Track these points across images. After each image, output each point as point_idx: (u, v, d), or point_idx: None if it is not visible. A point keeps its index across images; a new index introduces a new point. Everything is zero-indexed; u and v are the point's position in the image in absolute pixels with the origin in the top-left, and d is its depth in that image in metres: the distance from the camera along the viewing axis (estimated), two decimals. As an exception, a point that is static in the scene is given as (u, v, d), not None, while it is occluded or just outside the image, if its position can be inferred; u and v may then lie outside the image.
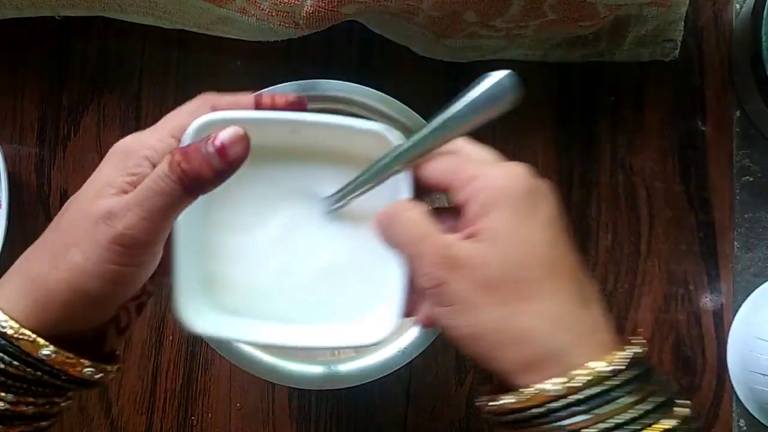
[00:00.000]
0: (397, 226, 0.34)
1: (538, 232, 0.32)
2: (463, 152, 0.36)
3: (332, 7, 0.51)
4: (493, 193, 0.32)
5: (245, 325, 0.37)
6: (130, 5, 0.56)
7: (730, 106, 0.59)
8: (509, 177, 0.33)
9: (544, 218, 0.32)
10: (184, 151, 0.31)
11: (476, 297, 0.31)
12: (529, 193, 0.33)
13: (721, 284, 0.58)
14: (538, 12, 0.52)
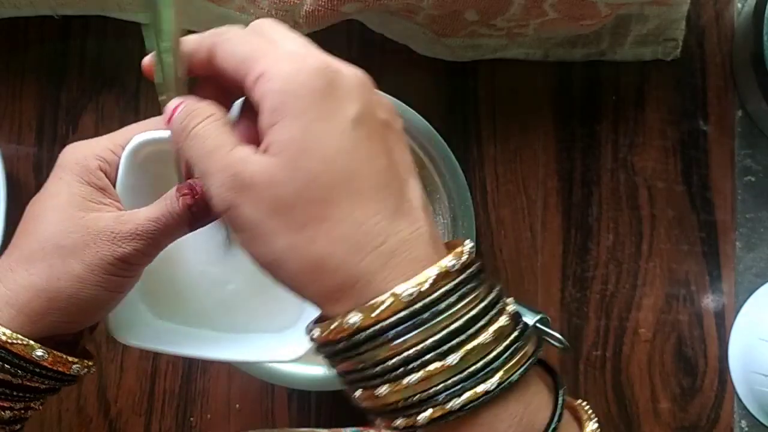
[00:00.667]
0: (189, 140, 0.30)
1: (333, 139, 0.28)
2: (263, 37, 0.30)
3: (332, 6, 0.51)
4: (282, 96, 0.28)
5: (173, 336, 0.38)
6: (129, 4, 0.55)
7: (732, 106, 0.59)
8: (300, 74, 0.28)
9: (343, 121, 0.28)
10: (192, 194, 0.32)
11: (268, 221, 0.28)
12: (323, 92, 0.28)
13: (722, 284, 0.58)
14: (539, 11, 0.52)
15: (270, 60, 0.28)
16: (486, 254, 0.58)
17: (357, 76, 0.30)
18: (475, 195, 0.58)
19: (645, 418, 0.58)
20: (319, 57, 0.29)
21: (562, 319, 0.58)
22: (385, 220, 0.28)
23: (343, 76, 0.29)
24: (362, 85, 0.29)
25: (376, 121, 0.29)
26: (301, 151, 0.27)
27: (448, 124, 0.59)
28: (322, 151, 0.28)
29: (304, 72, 0.28)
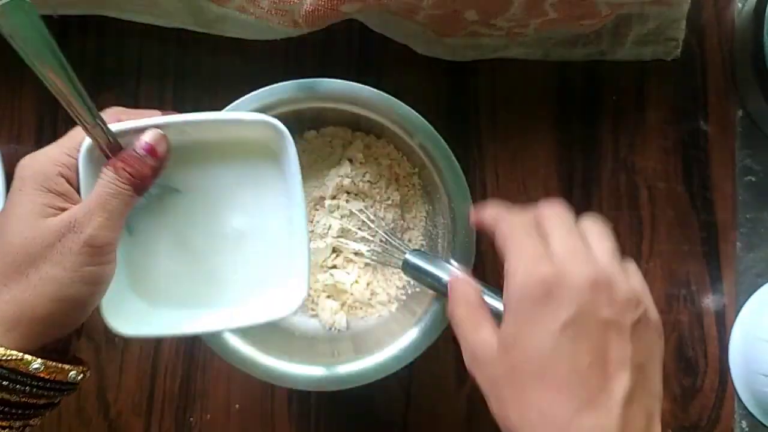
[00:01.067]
0: (455, 306, 0.40)
1: (537, 340, 0.34)
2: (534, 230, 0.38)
3: (332, 5, 0.51)
4: (512, 297, 0.35)
5: (167, 318, 0.41)
6: (128, 4, 0.55)
7: (733, 106, 0.59)
8: (527, 282, 0.35)
9: (552, 325, 0.34)
10: (122, 158, 0.36)
11: (488, 389, 0.36)
12: (539, 301, 0.34)
13: (723, 285, 0.58)
14: (539, 11, 0.52)
15: (515, 261, 0.36)
16: (486, 254, 0.58)
17: (582, 282, 0.34)
18: (476, 195, 0.58)
19: (645, 419, 0.58)
20: (549, 271, 0.35)
21: (562, 320, 0.58)
22: (571, 411, 0.33)
23: (565, 285, 0.34)
24: (584, 290, 0.34)
25: (594, 320, 0.34)
26: (511, 345, 0.35)
27: (448, 124, 0.58)
28: (525, 348, 0.34)
29: (531, 281, 0.35)
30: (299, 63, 0.59)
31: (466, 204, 0.50)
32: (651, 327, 0.36)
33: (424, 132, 0.50)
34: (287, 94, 0.50)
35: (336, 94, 0.50)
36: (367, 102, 0.50)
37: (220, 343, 0.50)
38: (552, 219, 0.38)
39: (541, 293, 0.34)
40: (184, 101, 0.59)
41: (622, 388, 0.33)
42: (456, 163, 0.50)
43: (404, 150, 0.54)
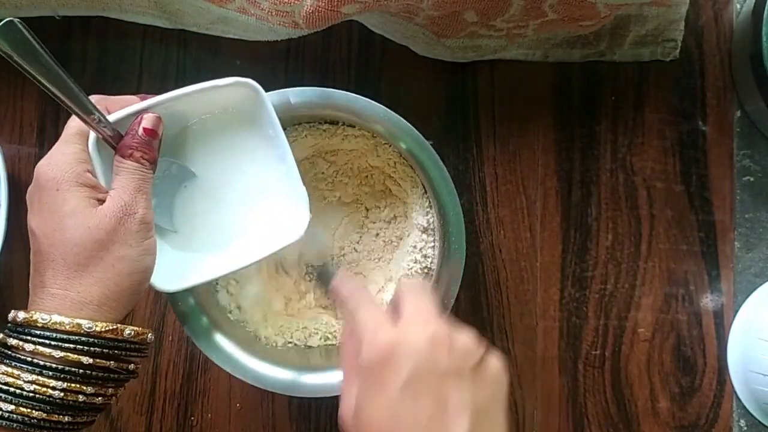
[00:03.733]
0: (340, 359, 0.42)
1: (381, 404, 0.36)
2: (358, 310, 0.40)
3: (332, 6, 0.51)
4: (360, 364, 0.37)
5: (199, 268, 0.46)
6: (130, 5, 0.56)
7: (731, 106, 0.59)
8: (369, 351, 0.37)
9: (391, 388, 0.36)
10: (135, 147, 0.41)
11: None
12: (379, 365, 0.36)
13: (721, 284, 0.58)
14: (538, 12, 0.52)
15: (359, 333, 0.38)
16: (485, 254, 0.58)
17: (420, 341, 0.36)
18: (475, 195, 0.59)
19: (644, 418, 0.58)
20: (388, 336, 0.37)
21: (561, 319, 0.58)
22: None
23: (401, 347, 0.36)
24: (422, 349, 0.36)
25: (434, 374, 0.36)
26: (359, 413, 0.37)
27: (447, 125, 0.59)
28: (371, 415, 0.36)
29: (372, 350, 0.37)
30: (299, 64, 0.59)
31: (456, 207, 0.50)
32: (491, 370, 0.38)
33: (411, 136, 0.50)
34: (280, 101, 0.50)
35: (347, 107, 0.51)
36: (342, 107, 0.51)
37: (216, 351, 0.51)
38: (404, 287, 0.40)
39: (382, 358, 0.36)
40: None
41: (462, 429, 0.35)
42: (443, 166, 0.50)
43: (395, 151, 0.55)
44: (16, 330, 0.39)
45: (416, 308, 0.39)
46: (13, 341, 0.39)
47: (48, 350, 0.38)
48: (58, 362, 0.38)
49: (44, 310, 0.39)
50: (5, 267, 0.58)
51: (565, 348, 0.58)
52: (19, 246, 0.58)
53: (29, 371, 0.37)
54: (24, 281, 0.58)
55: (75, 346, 0.38)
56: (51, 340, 0.38)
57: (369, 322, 0.38)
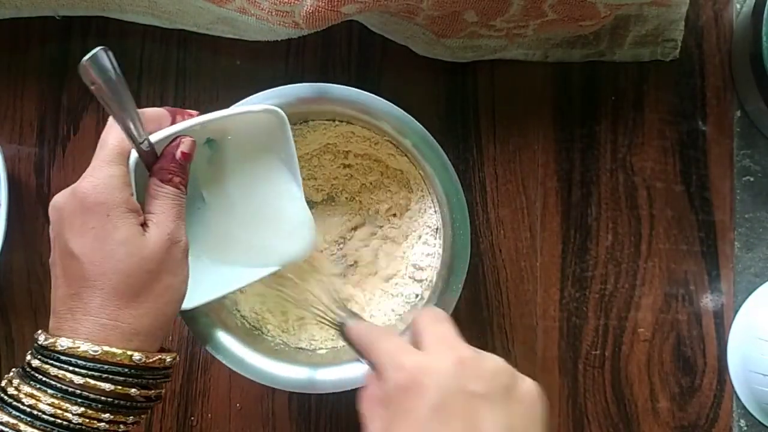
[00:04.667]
0: (360, 398, 0.40)
1: (411, 429, 0.34)
2: (378, 340, 0.39)
3: (332, 6, 0.51)
4: (385, 394, 0.36)
5: (207, 284, 0.47)
6: (130, 5, 0.56)
7: (731, 106, 0.59)
8: (394, 376, 0.36)
9: (418, 414, 0.34)
10: (171, 170, 0.41)
11: None
12: (406, 391, 0.35)
13: (721, 284, 0.58)
14: (538, 11, 0.52)
15: (381, 363, 0.37)
16: (486, 254, 0.58)
17: (447, 365, 0.35)
18: (475, 195, 0.59)
19: (644, 418, 0.58)
20: (413, 360, 0.36)
21: (561, 319, 0.58)
22: None
23: (428, 371, 0.35)
24: (449, 372, 0.35)
25: (464, 397, 0.34)
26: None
27: (447, 125, 0.59)
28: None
29: (397, 375, 0.35)
30: (300, 64, 0.59)
31: (462, 205, 0.50)
32: (525, 392, 0.36)
33: (420, 135, 0.50)
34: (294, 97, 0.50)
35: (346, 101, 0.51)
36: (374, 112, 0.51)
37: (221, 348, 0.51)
38: (422, 317, 0.39)
39: (408, 382, 0.35)
40: (185, 102, 0.59)
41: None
42: (450, 166, 0.50)
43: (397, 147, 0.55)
44: (45, 353, 0.38)
45: (438, 334, 0.38)
46: (36, 362, 0.38)
47: (93, 382, 0.38)
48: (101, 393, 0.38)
49: (93, 341, 0.38)
50: (5, 267, 0.58)
51: (565, 348, 0.58)
52: (19, 246, 0.58)
53: (53, 395, 0.37)
54: (24, 281, 0.58)
55: (114, 377, 0.38)
56: (98, 372, 0.38)
57: (391, 348, 0.37)
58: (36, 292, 0.59)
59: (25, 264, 0.59)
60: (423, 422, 0.34)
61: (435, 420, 0.34)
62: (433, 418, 0.34)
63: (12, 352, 0.59)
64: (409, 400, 0.34)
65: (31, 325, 0.59)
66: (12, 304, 0.59)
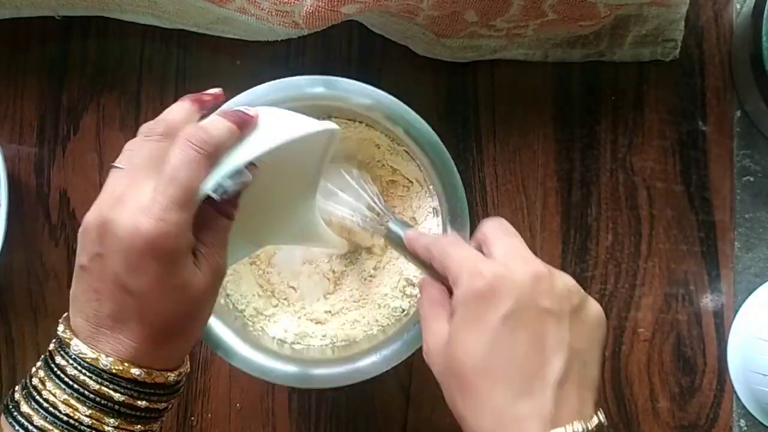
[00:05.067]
0: (419, 303, 0.42)
1: (477, 334, 0.36)
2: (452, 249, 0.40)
3: (332, 6, 0.51)
4: (459, 295, 0.37)
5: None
6: (130, 5, 0.56)
7: (731, 106, 0.59)
8: (472, 283, 0.37)
9: (492, 319, 0.36)
10: (232, 204, 0.40)
11: (439, 380, 0.38)
12: (481, 297, 0.36)
13: (721, 284, 0.58)
14: (538, 11, 0.52)
15: (456, 269, 0.38)
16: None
17: (523, 276, 0.36)
18: (475, 195, 0.59)
19: (644, 418, 0.58)
20: (492, 268, 0.37)
21: (561, 319, 0.58)
22: (509, 399, 0.35)
23: (507, 279, 0.36)
24: (525, 284, 0.36)
25: (534, 310, 0.36)
26: (455, 340, 0.37)
27: (447, 125, 0.59)
28: (467, 343, 0.36)
29: (475, 280, 0.37)
30: (300, 64, 0.59)
31: (462, 205, 0.50)
32: (591, 315, 0.38)
33: (423, 133, 0.50)
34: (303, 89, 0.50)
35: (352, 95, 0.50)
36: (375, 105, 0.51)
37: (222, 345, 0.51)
38: (491, 228, 0.40)
39: (486, 289, 0.36)
40: (185, 102, 0.59)
41: (556, 371, 0.35)
42: (453, 165, 0.50)
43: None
44: (68, 354, 0.38)
45: (511, 246, 0.39)
46: (60, 360, 0.38)
47: (109, 390, 0.37)
48: (110, 400, 0.37)
49: (121, 359, 0.37)
50: (5, 267, 0.58)
51: (565, 348, 0.58)
52: (19, 246, 0.58)
53: (68, 393, 0.37)
54: (24, 281, 0.58)
55: (127, 390, 0.38)
56: (113, 384, 0.37)
57: (467, 256, 0.38)
58: (36, 292, 0.59)
59: (25, 264, 0.59)
60: (493, 329, 0.36)
61: (504, 328, 0.35)
62: (503, 326, 0.35)
63: (12, 352, 0.59)
64: (483, 307, 0.36)
65: (31, 325, 0.59)
66: (12, 304, 0.59)
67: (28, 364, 0.58)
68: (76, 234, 0.38)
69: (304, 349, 0.54)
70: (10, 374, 0.59)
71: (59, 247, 0.59)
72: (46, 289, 0.59)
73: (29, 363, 0.58)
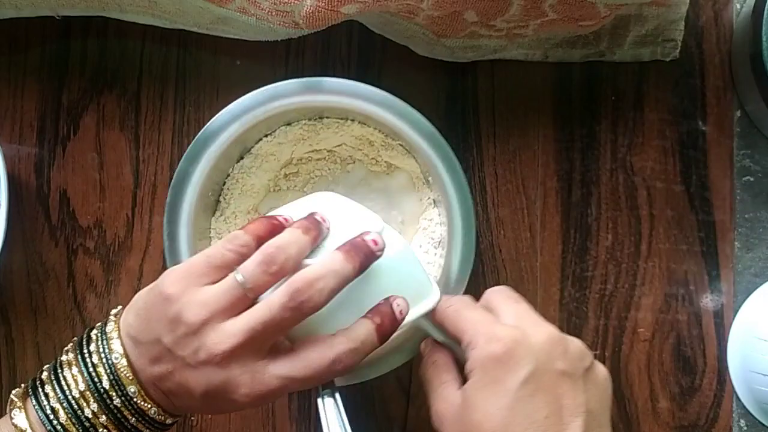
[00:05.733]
0: (424, 367, 0.42)
1: (497, 398, 0.36)
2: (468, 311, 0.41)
3: (332, 6, 0.51)
4: (476, 358, 0.38)
5: None
6: (130, 5, 0.56)
7: (731, 106, 0.59)
8: (488, 346, 0.37)
9: (511, 383, 0.36)
10: None
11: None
12: (499, 361, 0.37)
13: (721, 284, 0.58)
14: (538, 11, 0.52)
15: (471, 333, 0.38)
16: (485, 254, 0.58)
17: (540, 339, 0.37)
18: (475, 195, 0.59)
19: (644, 418, 0.58)
20: (508, 333, 0.37)
21: (561, 319, 0.58)
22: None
23: (522, 345, 0.37)
24: (542, 347, 0.37)
25: (551, 373, 0.37)
26: (473, 405, 0.37)
27: (447, 125, 0.59)
28: (487, 407, 0.36)
29: (493, 344, 0.37)
30: (300, 64, 0.59)
31: (467, 204, 0.50)
32: (600, 377, 0.39)
33: (426, 132, 0.50)
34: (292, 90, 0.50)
35: (339, 92, 0.51)
36: (368, 100, 0.51)
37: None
38: (497, 295, 0.41)
39: (503, 354, 0.37)
40: (185, 101, 0.59)
41: (578, 430, 0.36)
42: (457, 164, 0.50)
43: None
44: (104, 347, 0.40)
45: (520, 311, 0.40)
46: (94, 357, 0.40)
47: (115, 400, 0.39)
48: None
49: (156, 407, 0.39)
50: (5, 267, 0.58)
51: (565, 348, 0.58)
52: (19, 246, 0.58)
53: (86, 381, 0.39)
54: (24, 281, 0.58)
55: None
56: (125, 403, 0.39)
57: (481, 319, 0.39)
58: (36, 292, 0.59)
59: (25, 264, 0.59)
60: (512, 393, 0.36)
61: (524, 392, 0.36)
62: (522, 389, 0.36)
63: (12, 351, 0.59)
64: (502, 371, 0.36)
65: (31, 325, 0.59)
66: (12, 304, 0.59)
67: (27, 364, 0.58)
68: (76, 234, 0.38)
69: None
70: (10, 374, 0.59)
71: (59, 247, 0.59)
72: (46, 289, 0.59)
73: (29, 363, 0.58)
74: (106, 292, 0.59)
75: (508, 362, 0.36)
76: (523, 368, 0.36)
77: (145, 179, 0.59)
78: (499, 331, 0.38)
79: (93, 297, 0.58)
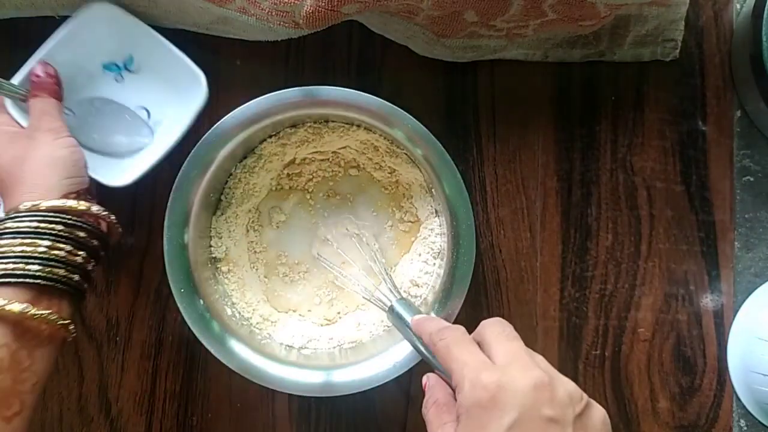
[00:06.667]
0: (426, 407, 0.42)
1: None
2: (458, 352, 0.40)
3: (332, 6, 0.51)
4: (462, 403, 0.37)
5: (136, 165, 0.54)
6: (130, 5, 0.56)
7: (731, 106, 0.59)
8: (473, 391, 0.37)
9: (497, 428, 0.36)
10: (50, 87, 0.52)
11: None
12: (484, 406, 0.36)
13: (721, 284, 0.58)
14: (538, 12, 0.52)
15: (458, 373, 0.38)
16: (486, 254, 0.58)
17: (525, 385, 0.36)
18: (475, 195, 0.59)
19: (644, 418, 0.58)
20: (494, 379, 0.37)
21: (561, 319, 0.58)
22: None
23: (507, 391, 0.36)
24: (527, 393, 0.36)
25: (536, 421, 0.36)
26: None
27: (447, 125, 0.59)
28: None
29: (477, 390, 0.37)
30: (300, 64, 0.59)
31: (466, 208, 0.50)
32: (595, 420, 0.38)
33: (424, 137, 0.50)
34: (290, 100, 0.51)
35: (336, 101, 0.51)
36: (365, 108, 0.51)
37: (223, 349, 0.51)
38: (491, 329, 0.40)
39: (487, 400, 0.36)
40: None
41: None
42: (454, 167, 0.50)
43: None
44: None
45: (511, 351, 0.39)
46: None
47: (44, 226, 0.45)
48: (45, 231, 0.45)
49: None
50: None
51: (565, 348, 0.58)
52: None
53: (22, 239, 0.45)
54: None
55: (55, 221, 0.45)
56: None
57: (469, 362, 0.38)
58: (36, 292, 0.59)
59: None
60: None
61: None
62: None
63: (12, 352, 0.59)
64: (486, 418, 0.36)
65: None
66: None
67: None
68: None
69: (312, 353, 0.54)
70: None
71: (59, 247, 0.59)
72: (46, 289, 0.59)
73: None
74: (106, 292, 0.59)
75: (492, 409, 0.36)
76: (507, 415, 0.35)
77: (145, 179, 0.59)
78: (485, 377, 0.37)
79: (93, 297, 0.58)
